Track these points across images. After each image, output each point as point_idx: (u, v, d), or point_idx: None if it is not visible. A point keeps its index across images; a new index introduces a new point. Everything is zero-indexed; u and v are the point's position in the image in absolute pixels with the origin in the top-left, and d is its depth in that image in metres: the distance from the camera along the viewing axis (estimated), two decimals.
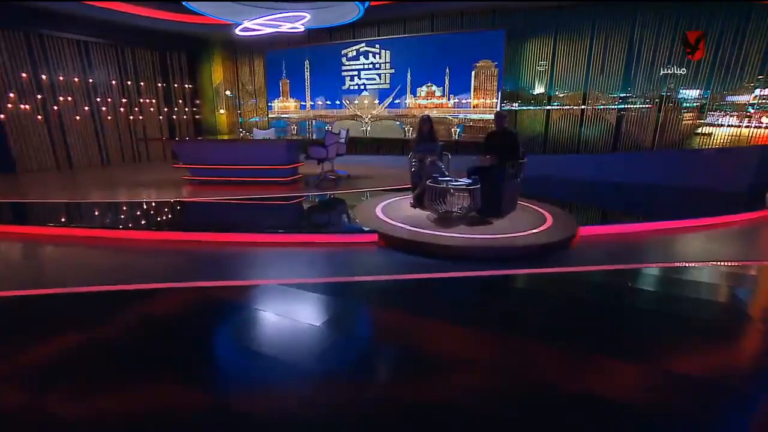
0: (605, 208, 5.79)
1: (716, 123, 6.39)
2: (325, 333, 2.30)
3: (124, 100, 9.52)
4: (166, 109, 10.43)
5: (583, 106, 7.32)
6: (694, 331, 2.39)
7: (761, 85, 5.99)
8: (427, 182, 4.36)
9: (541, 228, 4.02)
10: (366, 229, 4.07)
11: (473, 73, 8.02)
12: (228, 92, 11.16)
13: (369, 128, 9.44)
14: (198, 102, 11.21)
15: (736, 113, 6.24)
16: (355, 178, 7.30)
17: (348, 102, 9.53)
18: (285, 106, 10.37)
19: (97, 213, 5.18)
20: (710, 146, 6.52)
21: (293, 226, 4.84)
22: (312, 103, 10.00)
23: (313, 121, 10.11)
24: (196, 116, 11.24)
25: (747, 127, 6.16)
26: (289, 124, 10.44)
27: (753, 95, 6.09)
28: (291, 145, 6.86)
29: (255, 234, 4.07)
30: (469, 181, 4.26)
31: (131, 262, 3.50)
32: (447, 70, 8.28)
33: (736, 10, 5.96)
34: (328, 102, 9.79)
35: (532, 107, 7.80)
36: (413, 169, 5.02)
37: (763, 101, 6.00)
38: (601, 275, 3.31)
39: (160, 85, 10.20)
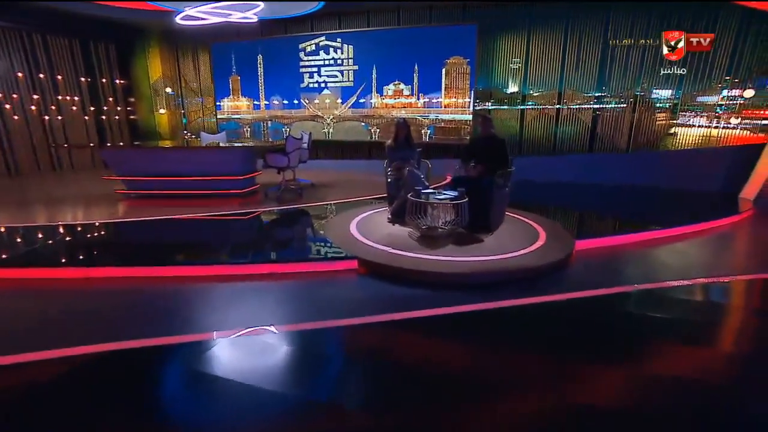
0: (594, 214, 5.50)
1: (687, 123, 6.42)
2: (306, 410, 1.64)
3: (35, 97, 8.00)
4: (92, 108, 8.97)
5: (558, 106, 7.10)
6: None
7: (729, 86, 6.06)
8: (408, 195, 3.81)
9: (537, 245, 3.65)
10: (329, 246, 3.43)
11: (444, 70, 7.54)
12: (168, 89, 9.89)
13: (331, 130, 8.71)
14: (132, 100, 9.83)
15: (706, 114, 6.30)
16: (320, 186, 6.59)
17: (307, 101, 8.72)
18: (236, 106, 9.33)
19: None
20: (682, 147, 6.54)
21: (252, 251, 4.05)
22: (267, 103, 9.06)
23: (269, 122, 9.18)
24: (131, 116, 9.86)
25: (716, 127, 6.23)
26: (242, 126, 9.43)
27: (720, 96, 6.15)
28: (247, 152, 5.99)
29: (203, 267, 3.28)
30: (455, 193, 3.76)
31: (26, 316, 2.58)
32: (416, 67, 7.74)
33: (704, 10, 5.96)
34: (285, 101, 8.91)
35: (506, 107, 7.47)
36: (389, 180, 4.45)
37: (731, 102, 6.08)
38: (627, 298, 2.90)
39: (83, 79, 8.74)
